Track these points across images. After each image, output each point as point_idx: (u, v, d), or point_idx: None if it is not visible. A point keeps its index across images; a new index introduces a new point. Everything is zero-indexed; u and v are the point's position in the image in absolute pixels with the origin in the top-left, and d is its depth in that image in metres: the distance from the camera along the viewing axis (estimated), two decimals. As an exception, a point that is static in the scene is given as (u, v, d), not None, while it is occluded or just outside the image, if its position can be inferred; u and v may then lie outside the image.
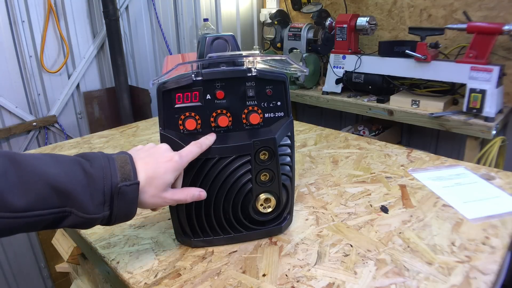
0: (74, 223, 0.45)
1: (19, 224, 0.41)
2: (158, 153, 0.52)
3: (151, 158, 0.51)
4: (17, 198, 0.40)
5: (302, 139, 1.10)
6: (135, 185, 0.47)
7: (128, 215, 0.49)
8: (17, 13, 1.70)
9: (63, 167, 0.44)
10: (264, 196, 0.60)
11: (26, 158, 0.43)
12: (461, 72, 1.51)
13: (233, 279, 0.54)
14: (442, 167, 0.88)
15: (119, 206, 0.47)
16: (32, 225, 0.42)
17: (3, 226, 0.40)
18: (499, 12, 1.66)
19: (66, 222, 0.44)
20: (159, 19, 2.20)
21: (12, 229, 0.41)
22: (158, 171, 0.50)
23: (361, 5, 2.14)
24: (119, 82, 1.98)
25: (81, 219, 0.45)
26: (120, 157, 0.49)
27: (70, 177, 0.44)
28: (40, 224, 0.43)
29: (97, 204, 0.45)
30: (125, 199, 0.47)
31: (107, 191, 0.45)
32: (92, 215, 0.45)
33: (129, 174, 0.47)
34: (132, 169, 0.48)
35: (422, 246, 0.60)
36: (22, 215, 0.41)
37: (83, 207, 0.44)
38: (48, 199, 0.42)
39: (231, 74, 0.57)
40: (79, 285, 0.90)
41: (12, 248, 1.81)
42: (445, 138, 1.98)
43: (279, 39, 2.25)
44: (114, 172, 0.46)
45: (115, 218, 0.47)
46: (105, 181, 0.45)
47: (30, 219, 0.41)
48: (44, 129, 1.88)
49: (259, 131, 0.59)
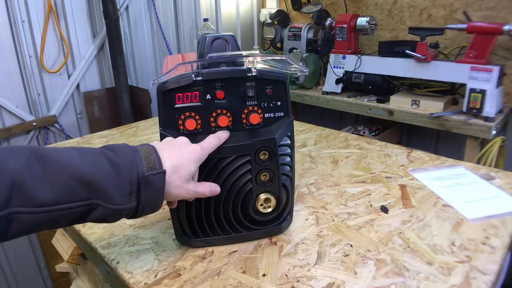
0: (101, 215, 0.44)
1: (47, 218, 0.40)
2: (180, 144, 0.52)
3: (173, 149, 0.50)
4: (44, 192, 0.39)
5: (302, 139, 1.10)
6: (161, 174, 0.47)
7: (154, 205, 0.48)
8: (17, 13, 1.70)
9: (88, 159, 0.44)
10: (264, 196, 0.60)
11: (50, 151, 0.42)
12: (461, 72, 1.51)
13: (233, 279, 0.54)
14: (442, 167, 0.88)
15: (146, 196, 0.46)
16: (59, 220, 0.42)
17: (31, 222, 0.39)
18: (499, 12, 1.66)
19: (93, 215, 0.44)
20: (159, 19, 2.20)
21: (39, 225, 0.41)
22: (182, 160, 0.50)
23: (361, 5, 2.14)
24: (119, 82, 1.98)
25: (108, 211, 0.44)
26: (144, 148, 0.49)
27: (96, 168, 0.43)
28: (67, 218, 0.42)
29: (124, 195, 0.45)
30: (152, 188, 0.46)
31: (134, 181, 0.45)
32: (120, 206, 0.44)
33: (155, 164, 0.47)
34: (157, 158, 0.47)
35: (422, 246, 0.60)
36: (50, 209, 0.40)
37: (110, 198, 0.44)
38: (75, 192, 0.42)
39: (231, 74, 0.57)
40: (79, 285, 0.90)
41: (12, 248, 1.81)
42: (445, 138, 1.98)
43: (279, 39, 2.25)
44: (139, 161, 0.46)
45: (142, 209, 0.47)
46: (132, 171, 0.45)
47: (58, 213, 0.41)
48: (44, 129, 1.88)
49: (259, 131, 0.59)
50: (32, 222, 0.40)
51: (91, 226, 0.70)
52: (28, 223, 0.39)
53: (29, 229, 0.40)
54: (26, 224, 0.39)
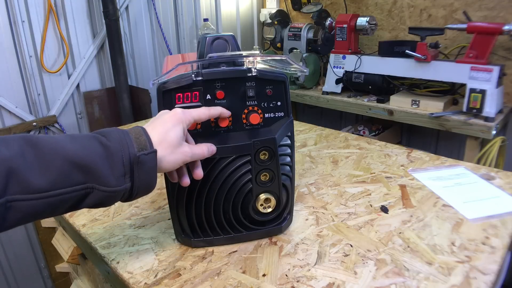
0: (96, 200, 0.45)
1: (44, 205, 0.40)
2: (163, 114, 0.52)
3: (157, 121, 0.51)
4: (38, 178, 0.40)
5: (302, 139, 1.10)
6: (153, 153, 0.47)
7: (148, 186, 0.48)
8: (17, 13, 1.70)
9: (80, 143, 0.44)
10: (264, 196, 0.60)
11: (42, 138, 0.43)
12: (461, 72, 1.51)
13: (233, 279, 0.54)
14: (442, 167, 0.88)
15: (140, 176, 0.47)
16: (56, 206, 0.42)
17: (29, 209, 0.40)
18: (499, 12, 1.66)
19: (88, 199, 0.44)
20: (159, 19, 2.20)
21: (37, 213, 0.41)
22: (166, 126, 0.50)
23: (361, 5, 2.14)
24: (119, 82, 1.98)
25: (104, 194, 0.45)
26: (134, 130, 0.49)
27: (88, 151, 0.43)
28: (64, 204, 0.43)
29: (118, 176, 0.45)
30: (144, 168, 0.47)
31: (126, 162, 0.45)
32: (114, 188, 0.45)
33: (145, 144, 0.47)
34: (147, 139, 0.48)
35: (422, 246, 0.60)
36: (46, 195, 0.40)
37: (104, 180, 0.44)
38: (70, 176, 0.42)
39: (231, 74, 0.57)
40: (79, 285, 0.90)
41: (12, 248, 1.81)
42: (445, 138, 1.98)
43: (279, 39, 2.25)
44: (130, 143, 0.46)
45: (136, 190, 0.47)
46: (123, 152, 0.45)
47: (55, 199, 0.41)
48: (44, 129, 1.88)
49: (259, 131, 0.59)
50: (30, 210, 0.40)
51: (91, 226, 0.70)
52: (25, 211, 0.39)
53: (27, 217, 0.40)
54: (23, 211, 0.39)
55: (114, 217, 0.72)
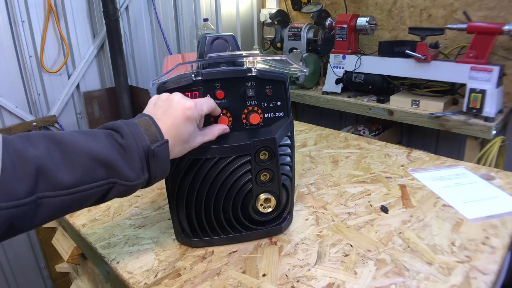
0: (119, 193, 0.47)
1: (71, 200, 0.42)
2: (173, 107, 0.52)
3: (167, 115, 0.51)
4: (66, 175, 0.41)
5: (302, 139, 1.10)
6: (165, 144, 0.49)
7: (164, 173, 0.51)
8: (17, 13, 1.70)
9: (100, 141, 0.46)
10: (264, 196, 0.60)
11: (65, 136, 0.44)
12: (461, 72, 1.51)
13: (233, 279, 0.54)
14: (442, 167, 0.88)
15: (156, 167, 0.49)
16: (83, 201, 0.44)
17: (57, 205, 0.41)
18: (499, 12, 1.66)
19: (111, 193, 0.47)
20: (159, 19, 2.20)
21: (65, 208, 0.43)
22: (178, 124, 0.51)
23: (361, 5, 2.14)
24: (119, 82, 1.98)
25: (125, 187, 0.47)
26: (142, 121, 0.50)
27: (108, 149, 0.45)
28: (90, 199, 0.45)
29: (136, 170, 0.47)
30: (159, 159, 0.48)
31: (142, 156, 0.47)
32: (135, 181, 0.47)
33: (156, 135, 0.48)
34: (157, 129, 0.49)
35: (422, 246, 0.60)
36: (74, 191, 0.42)
37: (125, 175, 0.46)
38: (94, 172, 0.44)
39: (231, 74, 0.57)
40: (79, 285, 0.90)
41: (12, 248, 1.81)
42: (445, 138, 1.98)
43: (279, 39, 2.25)
44: (142, 136, 0.48)
45: (153, 178, 0.49)
46: (138, 147, 0.47)
47: (81, 194, 0.43)
48: (44, 129, 1.88)
49: (259, 131, 0.59)
50: (58, 205, 0.42)
51: (91, 226, 0.70)
52: (54, 207, 0.41)
53: (55, 213, 0.42)
54: (52, 208, 0.41)
55: (114, 217, 0.72)
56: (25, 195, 0.38)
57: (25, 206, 0.38)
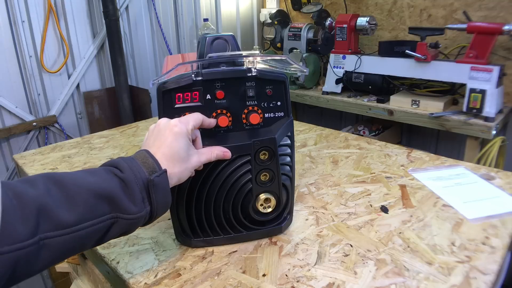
0: (121, 228, 0.47)
1: (74, 240, 0.41)
2: (161, 130, 0.52)
3: (158, 139, 0.52)
4: (67, 213, 0.41)
5: (302, 139, 1.10)
6: (164, 174, 0.49)
7: (166, 204, 0.50)
8: (17, 13, 1.70)
9: (99, 176, 0.46)
10: (264, 196, 0.60)
11: (64, 174, 0.44)
12: (461, 72, 1.51)
13: (233, 279, 0.54)
14: (442, 167, 0.88)
15: (157, 197, 0.48)
16: (85, 240, 0.43)
17: (60, 246, 0.40)
18: (499, 12, 1.66)
19: (114, 229, 0.46)
20: (159, 19, 2.20)
21: (68, 249, 0.42)
22: (168, 142, 0.51)
23: (361, 5, 2.14)
24: (119, 82, 1.98)
25: (127, 222, 0.46)
26: (138, 155, 0.50)
27: (108, 183, 0.45)
28: (92, 236, 0.44)
29: (138, 202, 0.47)
30: (159, 189, 0.48)
31: (142, 188, 0.47)
32: (137, 214, 0.47)
33: (154, 166, 0.49)
34: (153, 160, 0.49)
35: (422, 246, 0.60)
36: (75, 229, 0.41)
37: (127, 209, 0.46)
38: (96, 208, 0.43)
39: (231, 74, 0.57)
40: (79, 285, 0.90)
41: (12, 248, 1.81)
42: (445, 138, 1.98)
43: (279, 39, 2.25)
44: (139, 168, 0.48)
45: (155, 211, 0.49)
46: (137, 180, 0.47)
47: (83, 232, 0.42)
48: (44, 129, 1.88)
49: (259, 131, 0.59)
50: (61, 246, 0.41)
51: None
52: (57, 248, 0.40)
53: (58, 255, 0.41)
54: (55, 249, 0.40)
55: (114, 217, 0.72)
56: (27, 236, 0.37)
57: (28, 248, 0.37)
